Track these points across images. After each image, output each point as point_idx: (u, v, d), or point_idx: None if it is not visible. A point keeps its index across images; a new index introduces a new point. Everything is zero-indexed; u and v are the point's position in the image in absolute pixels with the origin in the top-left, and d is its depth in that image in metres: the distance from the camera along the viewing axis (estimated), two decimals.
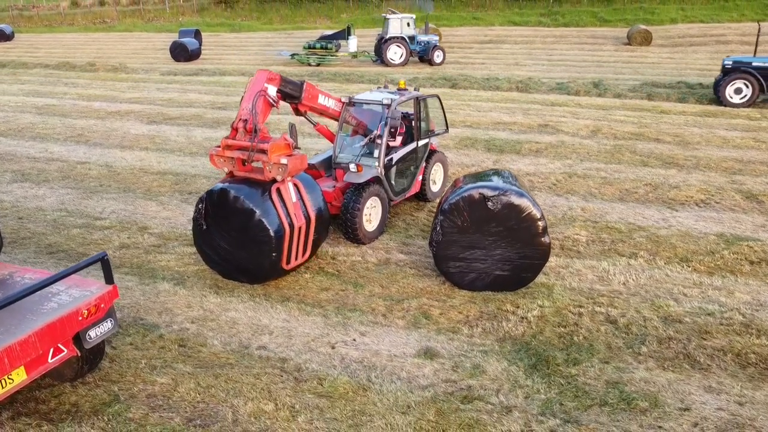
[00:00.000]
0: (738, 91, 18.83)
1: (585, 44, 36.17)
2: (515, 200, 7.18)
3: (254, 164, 7.49)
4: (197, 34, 35.24)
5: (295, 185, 7.63)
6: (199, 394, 5.74)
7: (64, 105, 19.96)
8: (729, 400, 5.51)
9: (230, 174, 7.66)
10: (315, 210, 7.85)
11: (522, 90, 21.79)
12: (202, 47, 34.35)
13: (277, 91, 7.72)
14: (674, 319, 6.80)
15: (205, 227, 7.59)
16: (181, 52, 31.76)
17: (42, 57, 34.16)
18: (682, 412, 5.36)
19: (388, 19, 28.29)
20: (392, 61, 28.05)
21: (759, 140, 14.52)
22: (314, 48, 29.36)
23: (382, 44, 28.15)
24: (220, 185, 7.45)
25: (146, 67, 29.04)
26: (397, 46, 27.92)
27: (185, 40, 32.72)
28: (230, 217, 7.36)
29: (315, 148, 13.72)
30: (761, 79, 18.44)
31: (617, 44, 35.62)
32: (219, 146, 7.52)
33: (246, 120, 7.28)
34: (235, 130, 7.41)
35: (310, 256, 8.13)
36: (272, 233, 7.21)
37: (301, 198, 7.67)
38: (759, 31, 22.25)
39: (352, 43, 23.32)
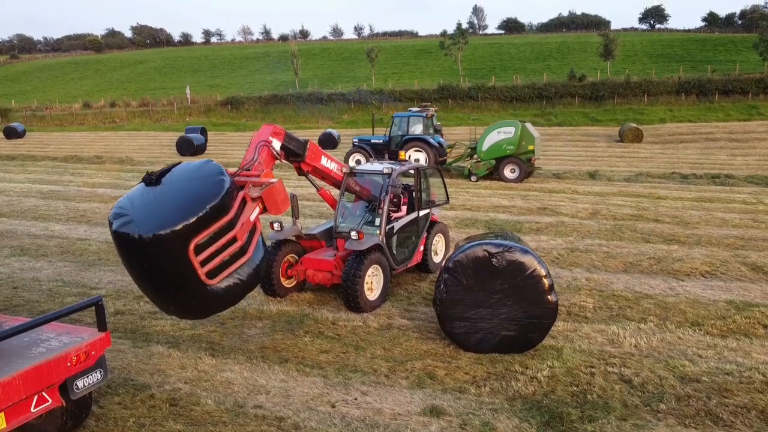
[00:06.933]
0: (358, 162, 23.82)
1: (579, 141, 37.35)
2: (520, 257, 7.07)
3: None
4: (203, 131, 36.40)
5: (254, 225, 6.73)
6: None
7: (69, 191, 20.22)
8: None
9: None
10: (253, 259, 6.64)
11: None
12: (208, 144, 35.37)
13: (281, 147, 7.75)
14: (691, 379, 6.48)
15: (153, 180, 6.44)
16: (186, 147, 32.65)
17: (50, 151, 35.14)
18: None
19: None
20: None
21: (758, 221, 14.59)
22: None
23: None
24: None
25: (152, 160, 29.73)
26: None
27: (191, 135, 33.77)
28: (190, 178, 6.46)
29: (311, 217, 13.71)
30: (371, 152, 24.29)
31: (610, 141, 36.80)
32: None
33: (248, 169, 7.25)
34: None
35: (221, 302, 6.54)
36: (217, 205, 6.13)
37: (251, 235, 6.65)
38: (373, 117, 28.13)
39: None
